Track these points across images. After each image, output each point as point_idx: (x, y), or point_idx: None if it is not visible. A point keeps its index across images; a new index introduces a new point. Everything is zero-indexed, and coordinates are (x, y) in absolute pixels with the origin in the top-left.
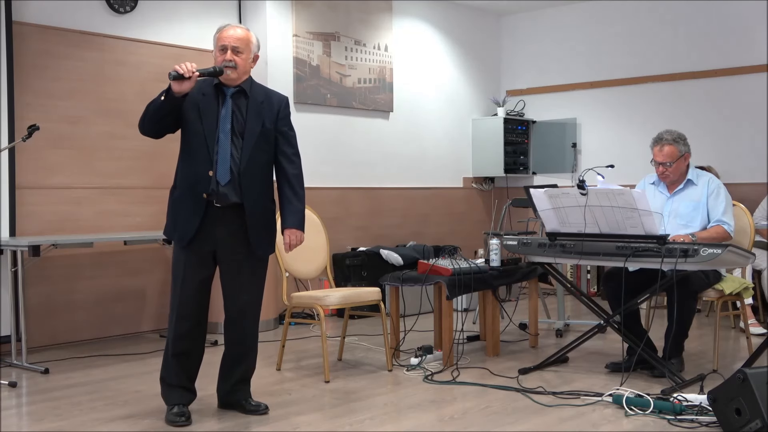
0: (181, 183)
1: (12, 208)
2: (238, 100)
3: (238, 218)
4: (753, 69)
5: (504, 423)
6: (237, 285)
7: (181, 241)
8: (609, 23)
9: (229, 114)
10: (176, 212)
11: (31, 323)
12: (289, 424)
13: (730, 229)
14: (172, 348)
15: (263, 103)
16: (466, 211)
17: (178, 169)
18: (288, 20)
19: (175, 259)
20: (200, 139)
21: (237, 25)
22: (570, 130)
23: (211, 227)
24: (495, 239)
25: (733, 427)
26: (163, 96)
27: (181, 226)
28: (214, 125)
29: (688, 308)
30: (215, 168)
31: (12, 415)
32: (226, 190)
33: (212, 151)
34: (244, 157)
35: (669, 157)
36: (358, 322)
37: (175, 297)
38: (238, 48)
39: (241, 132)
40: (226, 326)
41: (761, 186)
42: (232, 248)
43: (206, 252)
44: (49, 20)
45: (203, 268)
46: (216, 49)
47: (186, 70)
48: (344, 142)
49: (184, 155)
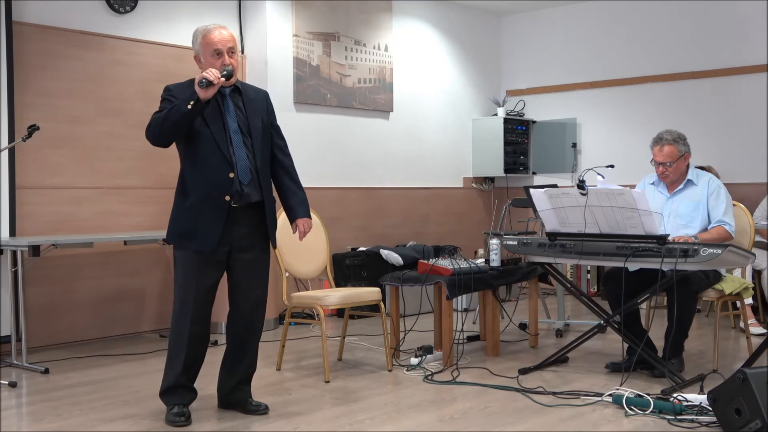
0: (195, 189)
1: (12, 208)
2: (235, 99)
3: (254, 216)
4: (753, 69)
5: (504, 423)
6: (251, 281)
7: (204, 247)
8: (609, 23)
9: (233, 113)
10: (194, 220)
11: (31, 323)
12: (289, 424)
13: (731, 230)
14: (187, 350)
15: (255, 99)
16: (466, 211)
17: (186, 176)
18: (288, 20)
19: (185, 262)
20: (210, 142)
21: (221, 26)
22: (570, 130)
23: (230, 228)
24: (495, 239)
25: (733, 427)
26: (190, 105)
27: (204, 234)
28: (222, 127)
29: (688, 308)
30: (236, 169)
31: (12, 415)
32: (249, 190)
33: (228, 153)
34: (257, 154)
35: (669, 157)
36: (358, 322)
37: (188, 300)
38: (232, 49)
39: (248, 130)
40: (234, 324)
41: (761, 186)
42: (247, 246)
43: (223, 253)
44: (49, 20)
45: (217, 270)
46: (206, 53)
47: (215, 77)
48: (344, 142)
49: (193, 161)
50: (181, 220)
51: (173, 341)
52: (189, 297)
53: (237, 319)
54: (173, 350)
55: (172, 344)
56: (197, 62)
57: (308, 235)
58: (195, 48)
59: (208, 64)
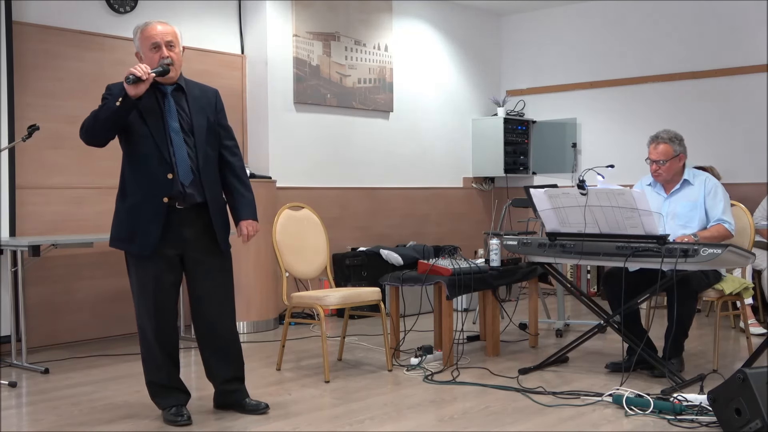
0: (134, 189)
1: (12, 208)
2: (177, 98)
3: (201, 218)
4: (753, 69)
5: (504, 423)
6: (211, 285)
7: (144, 250)
8: (609, 23)
9: (174, 112)
10: (133, 221)
11: (31, 323)
12: (289, 424)
13: (731, 228)
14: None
15: (200, 97)
16: (466, 211)
17: (126, 176)
18: (288, 20)
19: (137, 269)
20: (149, 141)
21: (160, 21)
22: (570, 130)
23: (177, 230)
24: (495, 239)
25: (733, 427)
26: (118, 102)
27: (142, 235)
28: (161, 126)
29: (688, 308)
30: (176, 169)
31: (12, 415)
32: (192, 191)
33: (168, 152)
34: (200, 154)
35: (663, 155)
36: (358, 322)
37: (149, 306)
38: (171, 42)
39: (190, 129)
40: (203, 330)
41: (761, 186)
42: (199, 249)
43: (173, 256)
44: (49, 20)
45: (172, 272)
46: (145, 47)
47: (143, 72)
48: (344, 142)
49: (133, 159)
50: (121, 223)
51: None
52: (148, 301)
53: (206, 326)
54: (146, 355)
55: (143, 351)
56: (138, 59)
57: (308, 235)
58: (135, 44)
59: (147, 59)
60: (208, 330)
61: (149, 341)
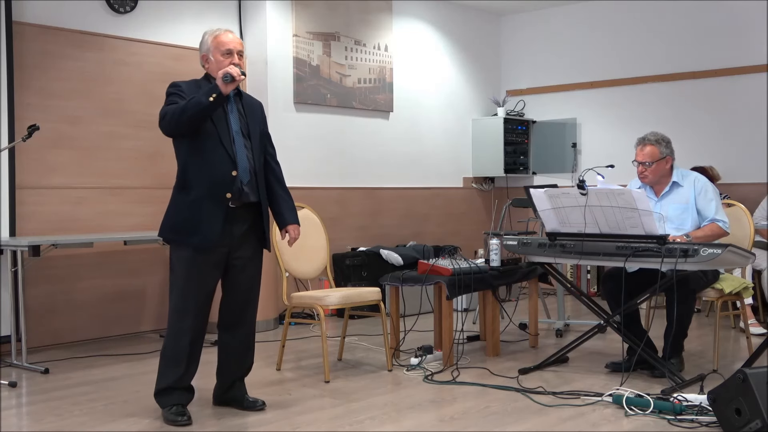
0: (197, 184)
1: (12, 208)
2: (237, 103)
3: (250, 217)
4: (753, 69)
5: (504, 423)
6: (245, 280)
7: (205, 243)
8: (609, 23)
9: (237, 116)
10: (195, 215)
11: (31, 323)
12: (289, 424)
13: (725, 226)
14: (189, 350)
15: (252, 105)
16: (466, 211)
17: (188, 171)
18: (288, 20)
19: (186, 262)
20: (215, 140)
21: (229, 29)
22: (570, 130)
23: (230, 227)
24: (495, 239)
25: (733, 427)
26: (212, 97)
27: (205, 229)
28: (226, 126)
29: (688, 308)
30: (238, 168)
31: (12, 415)
32: (248, 190)
33: (232, 151)
34: (256, 157)
35: (649, 156)
36: (358, 322)
37: (191, 300)
38: (242, 52)
39: (248, 133)
40: (228, 319)
41: (761, 186)
42: (244, 246)
43: (222, 253)
44: (49, 20)
45: (218, 269)
46: (217, 52)
47: (237, 73)
48: (344, 142)
49: (197, 156)
50: (180, 215)
51: (173, 343)
52: (190, 298)
53: (233, 318)
54: (172, 352)
55: (170, 345)
56: (204, 62)
57: (308, 235)
58: (204, 48)
59: (217, 62)
60: (234, 318)
61: (182, 337)
